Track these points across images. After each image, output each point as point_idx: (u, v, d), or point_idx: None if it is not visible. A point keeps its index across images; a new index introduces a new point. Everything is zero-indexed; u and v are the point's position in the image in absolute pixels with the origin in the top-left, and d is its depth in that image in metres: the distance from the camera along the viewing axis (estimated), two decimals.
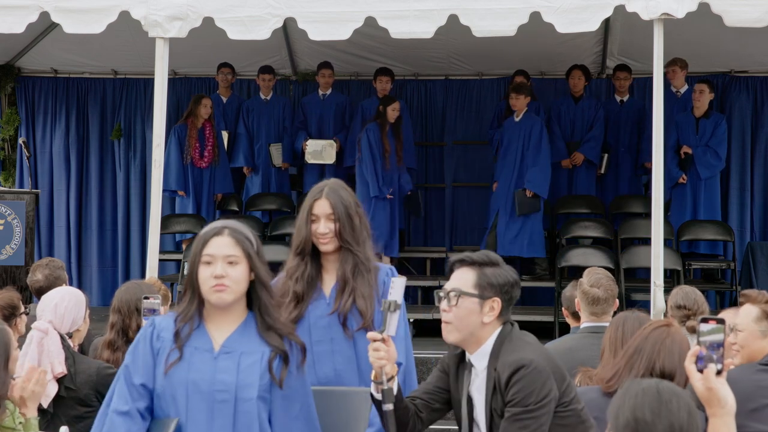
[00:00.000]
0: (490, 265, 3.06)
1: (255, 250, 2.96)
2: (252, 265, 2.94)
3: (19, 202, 7.60)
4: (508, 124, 8.89)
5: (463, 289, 3.01)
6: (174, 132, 9.10)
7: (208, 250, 2.93)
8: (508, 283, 3.05)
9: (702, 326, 2.29)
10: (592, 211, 9.32)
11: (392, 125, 8.81)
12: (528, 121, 8.72)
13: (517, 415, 2.87)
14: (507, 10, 6.21)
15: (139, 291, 4.29)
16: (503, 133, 8.89)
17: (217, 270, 2.89)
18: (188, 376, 2.90)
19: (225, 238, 2.93)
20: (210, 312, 2.98)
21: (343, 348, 3.42)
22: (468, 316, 3.00)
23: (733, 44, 8.98)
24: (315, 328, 3.45)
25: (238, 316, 2.99)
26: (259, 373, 2.91)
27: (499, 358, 2.98)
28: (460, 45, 9.30)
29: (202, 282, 2.93)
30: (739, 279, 8.73)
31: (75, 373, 3.86)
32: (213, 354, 2.93)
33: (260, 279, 2.96)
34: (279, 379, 2.91)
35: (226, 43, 6.83)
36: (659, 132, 6.15)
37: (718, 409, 2.24)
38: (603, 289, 4.36)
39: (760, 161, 9.78)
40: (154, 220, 6.44)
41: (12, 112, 10.37)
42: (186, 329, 2.95)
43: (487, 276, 3.03)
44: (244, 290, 2.96)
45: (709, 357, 2.27)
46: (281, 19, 6.41)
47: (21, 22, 6.58)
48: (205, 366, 2.91)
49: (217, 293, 2.90)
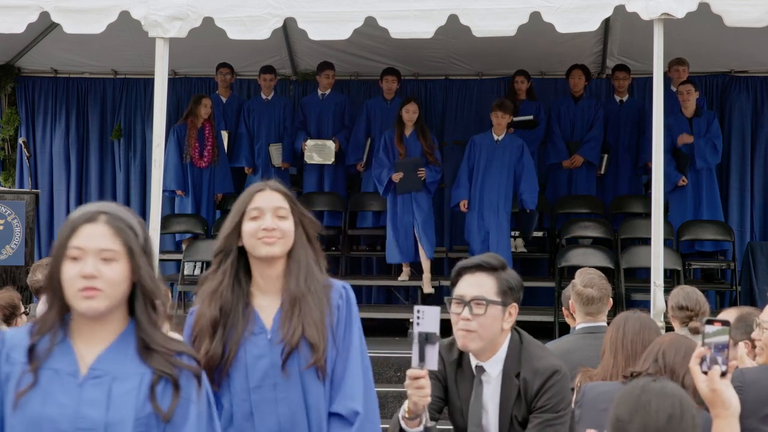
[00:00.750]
0: (503, 269, 3.04)
1: (140, 243, 2.29)
2: (133, 264, 2.24)
3: (19, 202, 7.60)
4: (485, 142, 8.44)
5: (488, 297, 2.97)
6: (173, 132, 9.10)
7: (76, 241, 2.22)
8: (520, 285, 3.05)
9: (707, 328, 2.29)
10: (592, 211, 9.32)
11: (415, 126, 8.54)
12: (510, 144, 8.38)
13: (549, 421, 2.93)
14: (507, 10, 6.21)
15: None
16: (478, 149, 8.44)
17: (87, 268, 2.19)
18: (43, 411, 2.17)
19: (100, 226, 2.24)
20: (78, 322, 2.25)
21: (289, 395, 2.69)
22: (492, 323, 2.99)
23: (733, 44, 8.98)
24: (253, 371, 2.69)
25: (115, 329, 2.26)
26: (136, 404, 2.19)
27: (522, 365, 2.99)
28: (460, 45, 9.29)
29: (67, 283, 2.21)
30: (739, 279, 8.73)
31: None
32: (77, 379, 2.20)
33: (142, 281, 2.25)
34: (166, 412, 2.19)
35: (226, 43, 6.83)
36: (659, 132, 6.15)
37: (722, 411, 2.23)
38: (596, 289, 4.35)
39: (760, 161, 9.78)
40: (154, 220, 6.43)
41: (12, 112, 10.37)
42: (44, 344, 2.22)
43: (507, 281, 3.01)
44: (122, 295, 2.25)
45: (713, 358, 2.26)
46: (281, 19, 6.41)
47: (21, 22, 6.58)
48: (66, 396, 2.18)
49: (87, 300, 2.19)
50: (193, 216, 9.22)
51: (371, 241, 9.79)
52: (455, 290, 3.04)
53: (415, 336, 2.66)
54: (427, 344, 2.66)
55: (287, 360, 2.66)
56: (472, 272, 3.02)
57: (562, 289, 4.92)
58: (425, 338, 2.65)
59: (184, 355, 2.27)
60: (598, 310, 4.35)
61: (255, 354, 2.69)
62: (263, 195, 2.73)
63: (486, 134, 8.52)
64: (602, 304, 4.37)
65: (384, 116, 9.41)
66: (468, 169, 8.48)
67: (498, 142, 8.42)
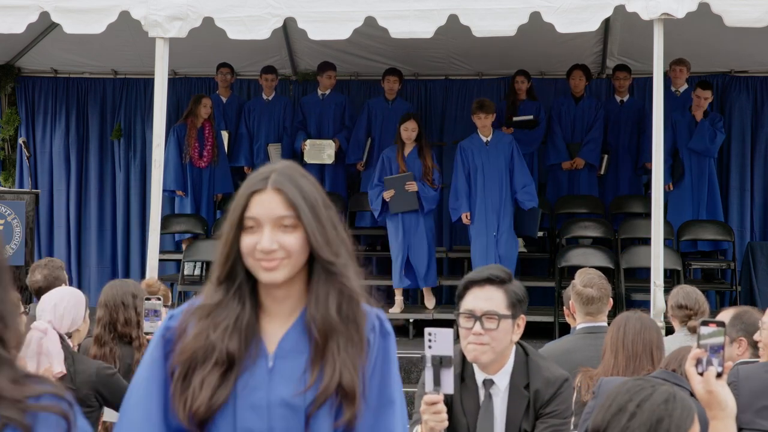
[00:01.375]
0: (511, 282, 3.03)
1: None
2: None
3: (19, 202, 7.60)
4: (473, 145, 8.20)
5: (499, 312, 2.97)
6: (173, 132, 9.10)
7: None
8: (526, 296, 3.06)
9: (702, 329, 2.29)
10: (592, 211, 9.32)
11: (416, 143, 8.22)
12: (500, 143, 8.21)
13: (556, 427, 2.99)
14: (507, 10, 6.21)
15: (125, 286, 4.31)
16: (470, 155, 8.18)
17: None
18: None
19: None
20: None
21: None
22: (505, 337, 2.99)
23: (733, 44, 8.98)
24: (244, 411, 1.94)
25: None
26: None
27: (531, 377, 3.02)
28: (460, 45, 9.29)
29: None
30: (739, 279, 8.74)
31: (74, 373, 3.86)
32: None
33: None
34: None
35: (226, 43, 6.84)
36: (659, 132, 6.15)
37: (719, 412, 2.24)
38: (596, 288, 4.35)
39: (760, 161, 9.78)
40: (154, 220, 6.44)
41: (12, 112, 10.37)
42: None
43: (515, 293, 3.01)
44: None
45: (709, 360, 2.27)
46: (281, 19, 6.41)
47: (21, 22, 6.58)
48: None
49: None
50: (193, 216, 9.22)
51: (371, 241, 9.79)
52: (463, 304, 2.99)
53: (429, 360, 2.50)
54: (441, 368, 2.51)
55: (314, 413, 1.93)
56: (481, 286, 2.99)
57: (562, 289, 4.92)
58: (439, 362, 2.51)
59: (45, 396, 1.58)
60: (598, 310, 4.36)
61: (252, 385, 1.95)
62: (261, 199, 2.00)
63: (473, 138, 8.27)
64: (602, 304, 4.37)
65: (385, 116, 9.42)
66: (464, 177, 8.20)
67: (488, 144, 8.23)
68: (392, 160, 8.29)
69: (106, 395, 3.89)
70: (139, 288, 4.38)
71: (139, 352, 4.23)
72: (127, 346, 4.26)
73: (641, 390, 2.01)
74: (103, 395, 3.89)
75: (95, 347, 4.23)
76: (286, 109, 9.83)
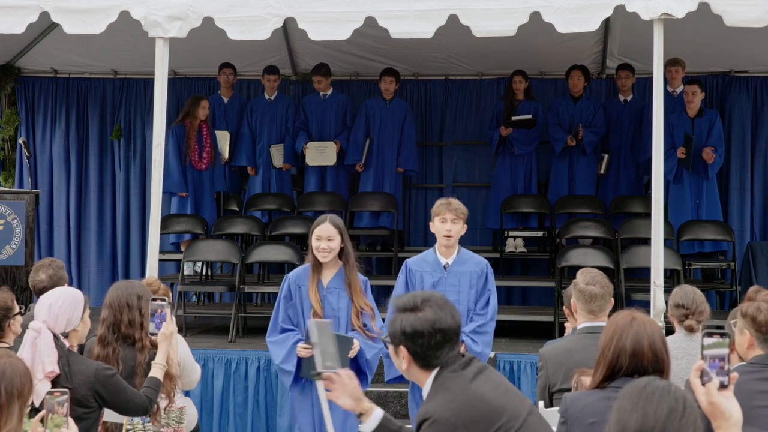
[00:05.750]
0: None
1: None
2: None
3: (19, 202, 7.59)
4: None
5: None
6: (171, 133, 9.06)
7: None
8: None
9: (705, 340, 2.28)
10: (592, 211, 9.32)
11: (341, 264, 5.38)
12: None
13: None
14: (507, 10, 6.21)
15: (131, 288, 4.30)
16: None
17: None
18: None
19: None
20: None
21: None
22: None
23: (733, 44, 8.98)
24: None
25: None
26: None
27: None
28: (460, 45, 9.29)
29: None
30: (739, 279, 8.73)
31: (71, 374, 3.84)
32: None
33: None
34: None
35: (226, 43, 6.84)
36: (659, 132, 6.15)
37: (723, 422, 2.23)
38: (599, 286, 4.34)
39: (760, 161, 9.78)
40: (154, 220, 6.44)
41: (12, 112, 10.37)
42: None
43: None
44: None
45: (711, 371, 2.26)
46: (281, 19, 6.41)
47: (21, 22, 6.58)
48: None
49: None
50: (193, 216, 9.21)
51: (371, 241, 9.79)
52: None
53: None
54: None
55: None
56: None
57: (563, 289, 4.92)
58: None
59: None
60: (600, 308, 4.34)
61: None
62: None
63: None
64: (604, 302, 4.35)
65: (383, 116, 9.43)
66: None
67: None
68: (302, 292, 5.12)
69: (105, 396, 3.88)
70: (145, 289, 4.37)
71: (141, 353, 4.23)
72: (130, 348, 4.26)
73: (669, 388, 2.01)
74: (101, 396, 3.88)
75: (98, 347, 4.22)
76: (289, 110, 9.80)
